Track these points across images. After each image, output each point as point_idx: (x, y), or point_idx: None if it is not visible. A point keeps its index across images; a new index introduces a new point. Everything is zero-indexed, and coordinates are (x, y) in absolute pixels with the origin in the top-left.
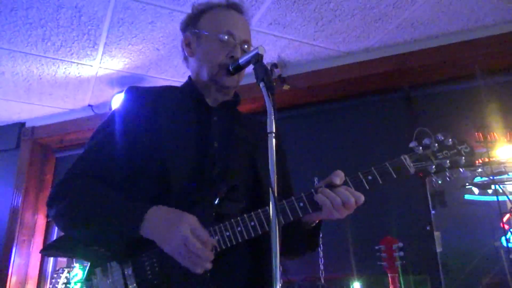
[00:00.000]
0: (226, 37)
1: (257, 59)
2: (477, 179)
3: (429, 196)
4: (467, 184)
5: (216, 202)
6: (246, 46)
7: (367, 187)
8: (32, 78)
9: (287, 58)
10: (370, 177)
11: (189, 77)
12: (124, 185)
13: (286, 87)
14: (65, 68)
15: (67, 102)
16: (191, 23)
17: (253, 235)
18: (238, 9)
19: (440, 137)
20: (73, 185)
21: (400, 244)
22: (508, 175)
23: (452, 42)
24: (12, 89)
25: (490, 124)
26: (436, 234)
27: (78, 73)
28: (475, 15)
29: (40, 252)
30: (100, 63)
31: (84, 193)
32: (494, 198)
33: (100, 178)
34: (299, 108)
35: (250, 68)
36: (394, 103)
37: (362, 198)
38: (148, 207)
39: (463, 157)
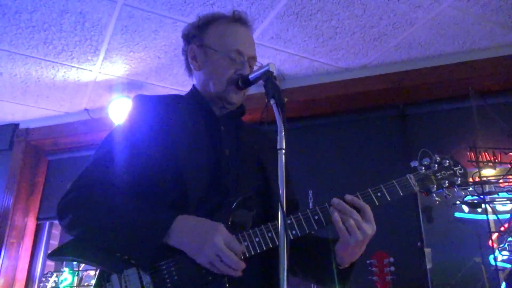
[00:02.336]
0: (233, 55)
1: (268, 76)
2: (468, 198)
3: (420, 213)
4: (458, 202)
5: (232, 212)
6: (252, 63)
7: (377, 203)
8: (30, 80)
9: (286, 71)
10: (379, 194)
11: (194, 86)
12: (138, 194)
13: (284, 99)
14: (64, 72)
15: (63, 105)
16: (197, 34)
17: (270, 245)
18: (245, 23)
19: (438, 158)
20: (91, 191)
21: (392, 259)
22: (498, 194)
23: (448, 63)
24: (8, 90)
25: (482, 144)
26: (427, 250)
27: (77, 77)
28: (470, 38)
29: (48, 256)
30: (100, 68)
31: (105, 199)
32: (484, 216)
33: (115, 186)
34: (296, 121)
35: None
36: (389, 120)
37: (369, 211)
38: (175, 215)
39: (459, 178)
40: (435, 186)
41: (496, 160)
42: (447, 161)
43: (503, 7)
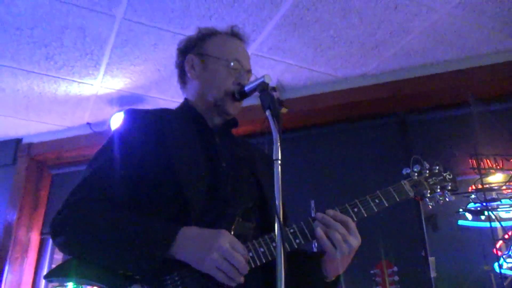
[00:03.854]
0: (233, 64)
1: (263, 87)
2: (471, 205)
3: (423, 221)
4: (460, 210)
5: (234, 223)
6: (248, 76)
7: (376, 210)
8: (33, 95)
9: (286, 82)
10: (377, 200)
11: (185, 99)
12: (136, 208)
13: (284, 110)
14: (66, 86)
15: (65, 120)
16: (196, 46)
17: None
18: (241, 38)
19: (428, 165)
20: (86, 208)
21: (395, 269)
22: (501, 201)
23: (447, 70)
24: (11, 105)
25: (483, 151)
26: (431, 259)
27: (79, 92)
28: (468, 45)
29: (45, 277)
30: (101, 82)
31: (101, 215)
32: (487, 224)
33: (112, 201)
34: (296, 131)
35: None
36: (389, 128)
37: (353, 225)
38: (179, 227)
39: (449, 183)
40: (428, 191)
41: (498, 167)
42: (437, 167)
43: (499, 14)
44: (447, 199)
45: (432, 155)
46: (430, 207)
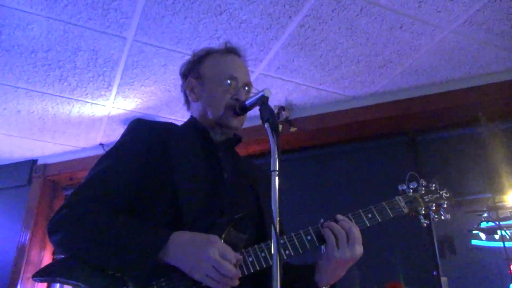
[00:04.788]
0: (229, 81)
1: (263, 101)
2: (484, 224)
3: (435, 241)
4: (473, 228)
5: (226, 230)
6: (247, 88)
7: (368, 224)
8: (47, 116)
9: (294, 101)
10: (370, 215)
11: (192, 116)
12: (133, 213)
13: (293, 129)
14: (79, 108)
15: (79, 140)
16: (193, 69)
17: (264, 265)
18: (237, 53)
19: (424, 182)
20: (85, 209)
21: None
22: None
23: (456, 88)
24: (26, 127)
25: (495, 170)
26: (443, 279)
27: (92, 113)
28: (477, 63)
29: (32, 277)
30: (113, 103)
31: (99, 216)
32: (501, 244)
33: (109, 204)
34: (306, 151)
35: (254, 112)
36: (399, 147)
37: (359, 232)
38: (170, 232)
39: (445, 201)
40: (423, 208)
41: (510, 185)
42: (433, 185)
43: (507, 32)
44: (442, 218)
45: (443, 174)
46: (425, 225)
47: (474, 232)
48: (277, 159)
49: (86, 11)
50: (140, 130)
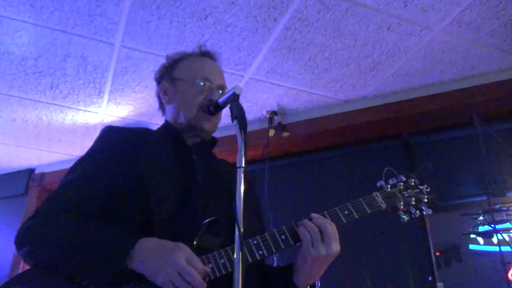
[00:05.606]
0: (202, 82)
1: (234, 98)
2: (481, 228)
3: (431, 245)
4: (469, 231)
5: (198, 235)
6: (221, 92)
7: (344, 221)
8: (41, 124)
9: (286, 106)
10: (346, 212)
11: (166, 120)
12: (103, 221)
13: (285, 134)
14: (72, 115)
15: (74, 149)
16: (167, 72)
17: (224, 272)
18: (211, 56)
19: (403, 177)
20: (49, 220)
21: None
22: (511, 223)
23: (448, 90)
24: (22, 135)
25: (490, 172)
26: (440, 285)
27: (85, 120)
28: (469, 64)
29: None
30: (105, 110)
31: (64, 225)
32: (498, 248)
33: (77, 214)
34: (298, 156)
35: (249, 117)
36: (393, 150)
37: (334, 228)
38: (136, 238)
39: (425, 196)
40: (402, 203)
41: (506, 187)
42: (413, 180)
43: (497, 30)
44: (424, 213)
45: (438, 177)
46: (405, 220)
47: (471, 236)
48: (243, 156)
49: (72, 17)
50: (109, 137)
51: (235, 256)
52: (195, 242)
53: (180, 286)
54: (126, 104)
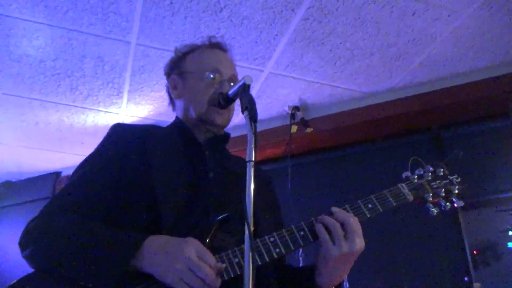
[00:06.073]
0: (212, 75)
1: (244, 89)
2: None
3: (466, 244)
4: (507, 227)
5: (210, 233)
6: (232, 84)
7: (368, 215)
8: (64, 127)
9: (309, 100)
10: (370, 205)
11: (176, 117)
12: (110, 221)
13: (308, 130)
14: (93, 117)
15: None
16: (176, 66)
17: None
18: (221, 47)
19: (430, 167)
20: (52, 221)
21: None
22: None
23: (481, 78)
24: (46, 139)
25: None
26: (476, 285)
27: (106, 122)
28: (502, 49)
29: None
30: (126, 110)
31: (68, 227)
32: None
33: (81, 213)
34: (322, 152)
35: (269, 115)
36: (422, 145)
37: (358, 223)
38: (144, 236)
39: (456, 186)
40: (430, 195)
41: None
42: (442, 170)
43: None
44: (455, 205)
45: (472, 171)
46: (435, 213)
47: (510, 233)
48: (253, 149)
49: (86, 16)
50: (118, 134)
51: (245, 256)
52: (207, 241)
53: (192, 283)
54: (145, 104)
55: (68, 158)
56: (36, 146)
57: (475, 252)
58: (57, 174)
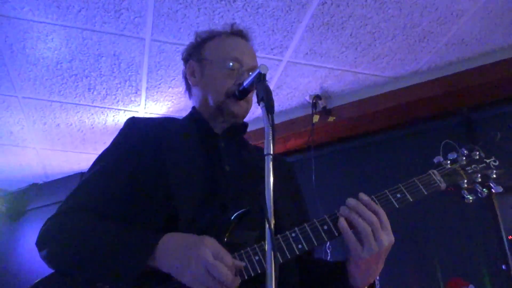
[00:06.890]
0: (232, 64)
1: (260, 78)
2: None
3: (502, 230)
4: None
5: (229, 230)
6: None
7: (397, 206)
8: (85, 127)
9: (330, 88)
10: (398, 195)
11: (193, 107)
12: (126, 218)
13: (331, 119)
14: (113, 116)
15: None
16: (195, 52)
17: (259, 271)
18: (243, 36)
19: (465, 151)
20: (69, 220)
21: (471, 287)
22: None
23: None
24: (68, 140)
25: None
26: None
27: None
28: None
29: None
30: (145, 108)
31: (83, 227)
32: None
33: (97, 211)
34: (346, 141)
35: (289, 105)
36: (452, 128)
37: (385, 217)
38: (160, 235)
39: (494, 171)
40: (465, 181)
41: None
42: (477, 153)
43: None
44: (493, 191)
45: (507, 155)
46: (470, 200)
47: None
48: (271, 141)
49: (99, 14)
50: (133, 128)
51: (266, 257)
52: (225, 239)
53: (208, 284)
54: (164, 101)
55: (92, 158)
56: (59, 148)
57: (510, 237)
58: (82, 174)
